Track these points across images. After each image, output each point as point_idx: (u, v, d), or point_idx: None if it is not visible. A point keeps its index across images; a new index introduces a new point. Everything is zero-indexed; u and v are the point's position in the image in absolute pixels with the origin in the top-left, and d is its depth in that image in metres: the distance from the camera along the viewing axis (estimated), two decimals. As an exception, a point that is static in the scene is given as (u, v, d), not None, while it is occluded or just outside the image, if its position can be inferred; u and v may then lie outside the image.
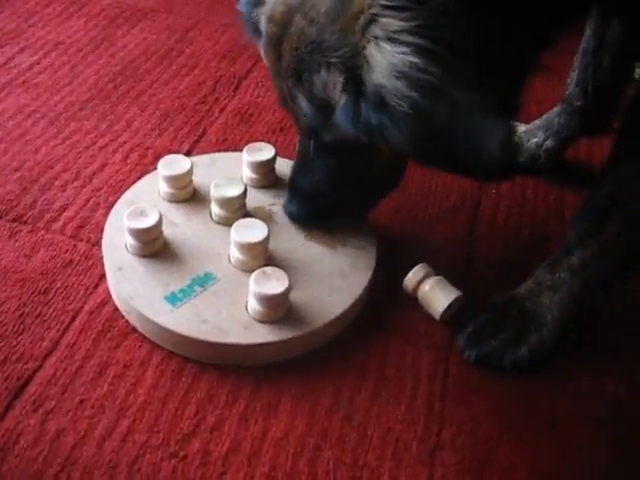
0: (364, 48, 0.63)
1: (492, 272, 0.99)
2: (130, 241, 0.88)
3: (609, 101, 1.08)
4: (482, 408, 0.82)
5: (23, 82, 1.24)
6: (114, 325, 0.86)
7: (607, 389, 0.86)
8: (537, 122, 1.19)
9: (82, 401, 0.78)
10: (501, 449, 0.79)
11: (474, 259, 1.01)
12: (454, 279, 0.96)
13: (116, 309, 0.88)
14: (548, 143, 1.16)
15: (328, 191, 0.87)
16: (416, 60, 0.59)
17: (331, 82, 0.67)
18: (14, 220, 0.98)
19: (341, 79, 0.66)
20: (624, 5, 0.79)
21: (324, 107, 0.71)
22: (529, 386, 0.86)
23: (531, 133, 1.18)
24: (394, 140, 0.64)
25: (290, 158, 1.09)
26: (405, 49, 0.60)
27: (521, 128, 1.20)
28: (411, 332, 0.90)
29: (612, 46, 1.01)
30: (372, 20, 0.62)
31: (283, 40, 0.72)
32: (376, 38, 0.62)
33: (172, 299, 0.84)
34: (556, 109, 1.15)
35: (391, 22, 0.61)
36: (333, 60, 0.66)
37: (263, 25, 0.75)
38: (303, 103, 0.73)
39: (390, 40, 0.61)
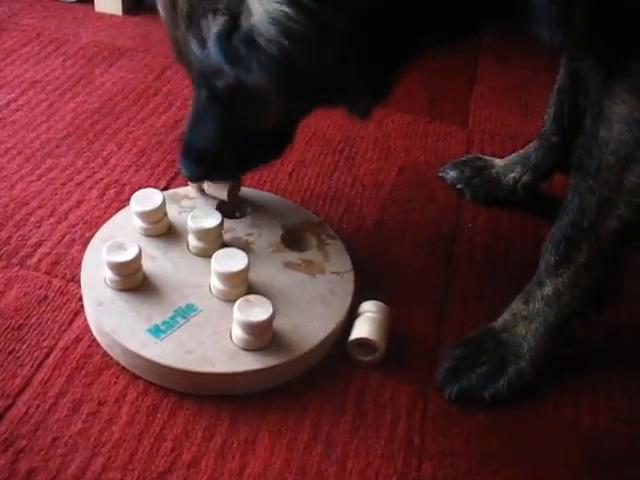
0: None
1: (469, 305, 1.00)
2: (109, 275, 0.87)
3: None
4: (462, 440, 0.82)
5: (0, 119, 1.24)
6: (89, 362, 0.85)
7: (587, 419, 0.86)
8: (514, 157, 1.20)
9: (55, 439, 0.76)
10: (482, 482, 0.78)
11: (451, 293, 1.01)
12: (432, 311, 0.96)
13: (90, 345, 0.86)
14: (525, 178, 1.17)
15: (217, 146, 0.91)
16: (287, 10, 0.66)
17: (215, 26, 0.73)
18: (-12, 256, 0.96)
19: (221, 20, 0.72)
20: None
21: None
22: (508, 416, 0.85)
23: (509, 168, 1.19)
24: (258, 77, 0.71)
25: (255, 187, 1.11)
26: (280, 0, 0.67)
27: (499, 163, 1.22)
28: (390, 365, 0.89)
29: (586, 85, 1.03)
30: None
31: None
32: None
33: (155, 331, 0.84)
34: (533, 144, 1.17)
35: None
36: (219, 6, 0.72)
37: None
38: (195, 49, 0.78)
39: None
